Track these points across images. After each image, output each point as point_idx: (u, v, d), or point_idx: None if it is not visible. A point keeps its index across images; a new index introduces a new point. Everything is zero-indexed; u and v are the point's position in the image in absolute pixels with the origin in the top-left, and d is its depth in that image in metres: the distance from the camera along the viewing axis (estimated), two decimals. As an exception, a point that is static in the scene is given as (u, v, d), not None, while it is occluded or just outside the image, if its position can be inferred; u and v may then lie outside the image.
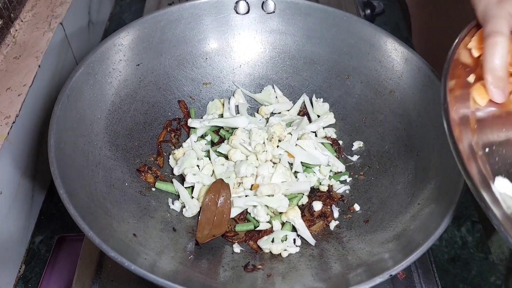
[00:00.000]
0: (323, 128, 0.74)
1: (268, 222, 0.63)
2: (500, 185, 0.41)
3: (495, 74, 0.47)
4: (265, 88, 0.78)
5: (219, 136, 0.73)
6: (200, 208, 0.64)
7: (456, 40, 0.51)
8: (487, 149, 0.43)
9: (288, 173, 0.66)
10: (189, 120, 0.73)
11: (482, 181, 0.40)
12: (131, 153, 0.67)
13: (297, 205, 0.65)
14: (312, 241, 0.61)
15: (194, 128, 0.73)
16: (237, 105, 0.77)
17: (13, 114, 0.67)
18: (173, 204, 0.65)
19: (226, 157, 0.68)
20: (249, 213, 0.64)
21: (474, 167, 0.41)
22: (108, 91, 0.66)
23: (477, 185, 0.40)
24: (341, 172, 0.70)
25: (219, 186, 0.63)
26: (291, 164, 0.68)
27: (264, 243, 0.60)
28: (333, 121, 0.75)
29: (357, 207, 0.65)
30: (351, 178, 0.69)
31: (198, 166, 0.68)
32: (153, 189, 0.65)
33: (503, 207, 0.39)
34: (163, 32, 0.72)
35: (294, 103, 0.77)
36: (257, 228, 0.63)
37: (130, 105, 0.69)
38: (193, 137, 0.72)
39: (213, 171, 0.67)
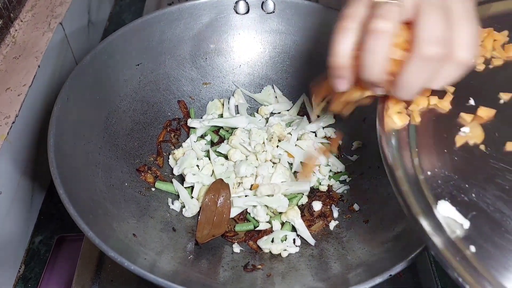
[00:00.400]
0: (323, 128, 0.74)
1: (267, 222, 0.63)
2: (443, 209, 0.40)
3: (338, 61, 0.43)
4: (265, 88, 0.78)
5: (219, 136, 0.73)
6: (200, 208, 0.64)
7: None
8: (429, 173, 0.42)
9: (288, 173, 0.66)
10: (189, 120, 0.73)
11: (424, 206, 0.40)
12: (130, 153, 0.67)
13: (297, 205, 0.65)
14: (311, 241, 0.61)
15: (194, 128, 0.73)
16: (237, 105, 0.77)
17: (13, 114, 0.67)
18: (173, 204, 0.65)
19: (226, 157, 0.68)
20: (249, 213, 0.64)
21: (414, 193, 0.40)
22: (108, 91, 0.66)
23: (414, 214, 0.39)
24: (340, 172, 0.70)
25: (219, 186, 0.63)
26: (291, 164, 0.68)
27: (264, 243, 0.60)
28: (332, 121, 0.75)
29: (356, 207, 0.65)
30: (350, 178, 0.69)
31: (197, 166, 0.68)
32: (153, 189, 0.65)
33: (447, 232, 0.38)
34: (163, 32, 0.72)
35: (293, 103, 0.77)
36: (257, 228, 0.63)
37: (130, 105, 0.69)
38: (193, 137, 0.72)
39: (213, 171, 0.67)
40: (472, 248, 0.37)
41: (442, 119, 0.46)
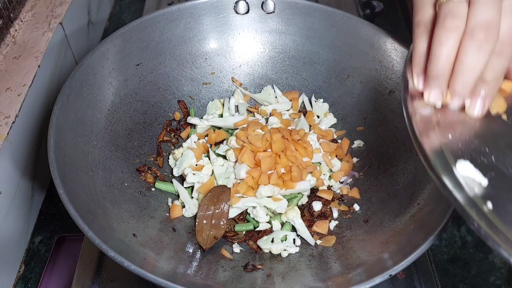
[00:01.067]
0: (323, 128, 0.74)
1: (268, 222, 0.63)
2: (462, 168, 0.40)
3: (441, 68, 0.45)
4: (265, 88, 0.78)
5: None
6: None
7: None
8: (450, 136, 0.43)
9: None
10: (189, 117, 0.73)
11: (444, 166, 0.40)
12: (130, 153, 0.67)
13: (297, 205, 0.65)
14: (311, 241, 0.61)
15: (194, 128, 0.73)
16: (237, 105, 0.77)
17: (13, 114, 0.67)
18: (173, 204, 0.65)
19: (225, 157, 0.68)
20: (249, 214, 0.64)
21: (434, 151, 0.41)
22: (108, 91, 0.66)
23: (436, 171, 0.40)
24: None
25: (221, 190, 0.63)
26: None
27: (264, 243, 0.60)
28: (334, 120, 0.75)
29: (356, 207, 0.65)
30: (351, 179, 0.69)
31: (197, 165, 0.68)
32: (153, 189, 0.65)
33: (466, 190, 0.39)
34: (163, 32, 0.72)
35: (293, 103, 0.77)
36: (257, 229, 0.63)
37: (130, 105, 0.69)
38: (194, 137, 0.72)
39: (213, 171, 0.67)
40: (489, 205, 0.38)
41: None
